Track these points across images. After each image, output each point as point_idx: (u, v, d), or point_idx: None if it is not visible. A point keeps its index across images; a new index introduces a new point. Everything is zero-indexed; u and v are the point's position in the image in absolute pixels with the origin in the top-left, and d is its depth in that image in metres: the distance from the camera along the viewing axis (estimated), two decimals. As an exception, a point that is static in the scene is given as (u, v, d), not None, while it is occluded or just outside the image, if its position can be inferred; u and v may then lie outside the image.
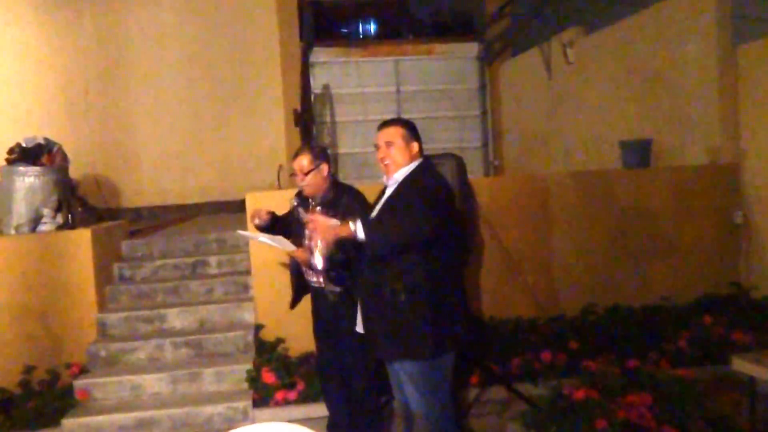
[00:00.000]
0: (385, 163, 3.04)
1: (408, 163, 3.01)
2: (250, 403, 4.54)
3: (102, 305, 5.36)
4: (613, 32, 7.22)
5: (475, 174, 9.67)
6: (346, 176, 10.04)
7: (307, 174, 3.60)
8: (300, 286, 3.84)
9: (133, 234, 6.56)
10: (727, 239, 5.66)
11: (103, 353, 4.99)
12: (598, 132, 7.52)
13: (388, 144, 3.02)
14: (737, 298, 5.39)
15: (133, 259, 5.97)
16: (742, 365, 3.40)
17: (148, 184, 9.20)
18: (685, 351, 4.79)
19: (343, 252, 3.35)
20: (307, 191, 3.68)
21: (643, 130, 6.49)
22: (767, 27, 5.34)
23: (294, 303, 3.88)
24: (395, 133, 3.02)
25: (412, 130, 3.07)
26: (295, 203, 3.67)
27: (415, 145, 3.03)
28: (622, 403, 3.74)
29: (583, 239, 5.54)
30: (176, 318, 5.29)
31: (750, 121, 5.55)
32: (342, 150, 10.61)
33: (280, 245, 3.81)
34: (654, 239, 5.62)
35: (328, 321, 3.70)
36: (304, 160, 3.61)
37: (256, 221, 3.77)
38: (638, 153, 5.98)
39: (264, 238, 3.78)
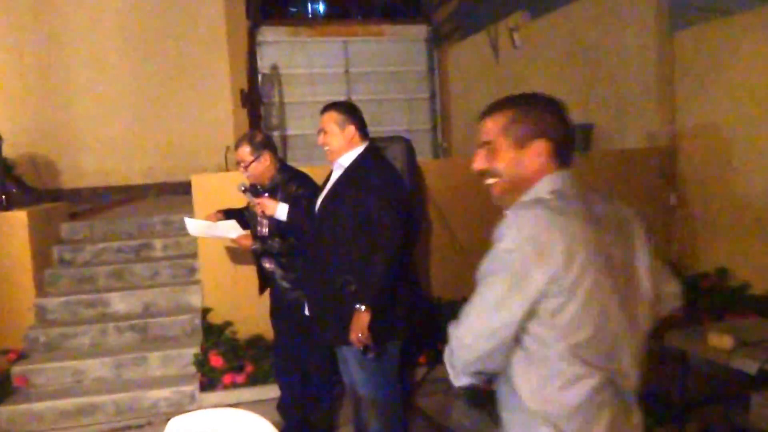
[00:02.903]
0: (325, 149, 3.02)
1: (348, 148, 2.97)
2: (197, 387, 4.50)
3: (41, 289, 5.20)
4: (557, 18, 7.34)
5: (423, 156, 9.72)
6: (295, 158, 9.96)
7: (248, 165, 3.59)
8: (263, 271, 3.82)
9: (73, 216, 6.36)
10: (663, 220, 5.89)
11: (42, 338, 4.85)
12: (543, 116, 7.65)
13: (324, 131, 3.00)
14: (671, 277, 5.62)
15: (73, 242, 5.79)
16: (674, 340, 3.49)
17: (89, 164, 8.88)
18: (623, 328, 4.97)
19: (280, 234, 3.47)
20: (252, 180, 3.67)
21: (585, 115, 6.65)
22: (702, 15, 5.53)
23: (261, 289, 3.86)
24: (328, 119, 2.99)
25: (347, 114, 3.00)
26: (242, 189, 3.65)
27: (351, 129, 2.96)
28: (563, 379, 3.86)
29: (527, 221, 5.66)
30: (120, 302, 5.18)
31: (685, 106, 5.75)
32: (290, 131, 10.50)
33: (222, 233, 3.81)
34: (594, 221, 5.78)
35: (281, 304, 3.71)
36: (245, 151, 3.60)
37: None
38: (580, 137, 6.12)
39: (198, 229, 3.88)
